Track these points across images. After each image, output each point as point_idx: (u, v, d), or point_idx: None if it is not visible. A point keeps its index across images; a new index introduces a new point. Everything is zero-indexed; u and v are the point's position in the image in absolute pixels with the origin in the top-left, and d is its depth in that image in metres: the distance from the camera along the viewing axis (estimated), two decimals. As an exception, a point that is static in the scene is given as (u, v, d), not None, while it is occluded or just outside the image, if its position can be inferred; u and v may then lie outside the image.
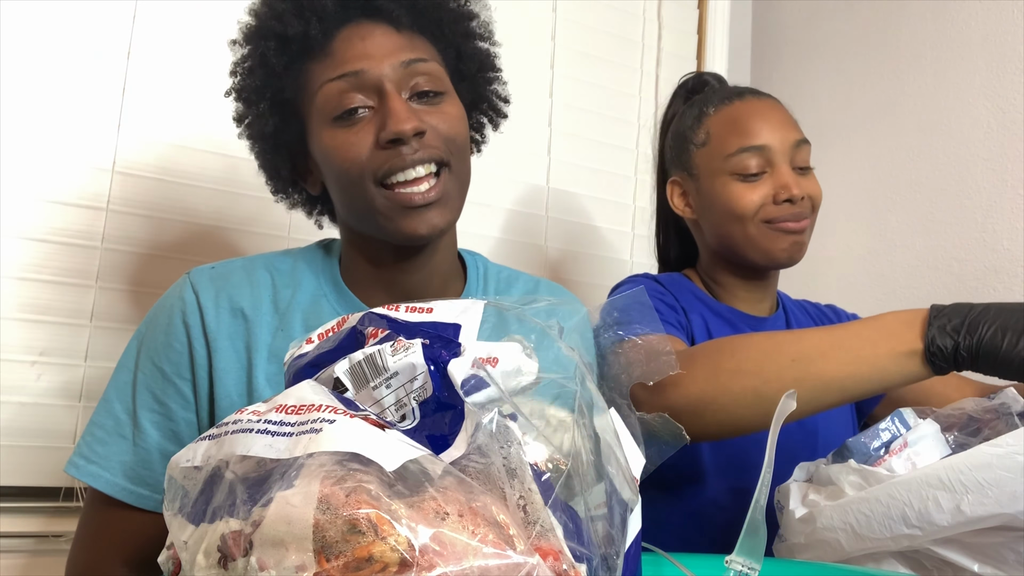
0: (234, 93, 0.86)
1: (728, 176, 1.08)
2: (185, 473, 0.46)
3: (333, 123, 0.79)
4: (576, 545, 0.43)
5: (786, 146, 1.07)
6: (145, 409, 0.80)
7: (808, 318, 1.20)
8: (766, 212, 1.06)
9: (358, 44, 0.79)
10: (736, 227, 1.08)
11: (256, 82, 0.83)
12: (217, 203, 1.30)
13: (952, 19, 1.55)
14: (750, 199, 1.06)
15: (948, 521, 0.63)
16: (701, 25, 1.90)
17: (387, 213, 0.79)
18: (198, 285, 0.82)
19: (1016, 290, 1.39)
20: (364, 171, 0.78)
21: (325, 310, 0.84)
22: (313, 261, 0.88)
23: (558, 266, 1.65)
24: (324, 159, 0.81)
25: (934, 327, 0.71)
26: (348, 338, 0.52)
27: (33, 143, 1.18)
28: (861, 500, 0.69)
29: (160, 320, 0.82)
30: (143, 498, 0.79)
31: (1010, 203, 1.42)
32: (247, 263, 0.86)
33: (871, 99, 1.69)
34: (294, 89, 0.82)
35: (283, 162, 0.87)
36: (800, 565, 0.66)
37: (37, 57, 1.19)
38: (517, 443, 0.44)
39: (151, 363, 0.80)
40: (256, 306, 0.82)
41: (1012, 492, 0.60)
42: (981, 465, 0.62)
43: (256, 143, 0.87)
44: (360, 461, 0.40)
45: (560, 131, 1.67)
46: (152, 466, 0.79)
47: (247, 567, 0.38)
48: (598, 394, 0.50)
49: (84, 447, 0.80)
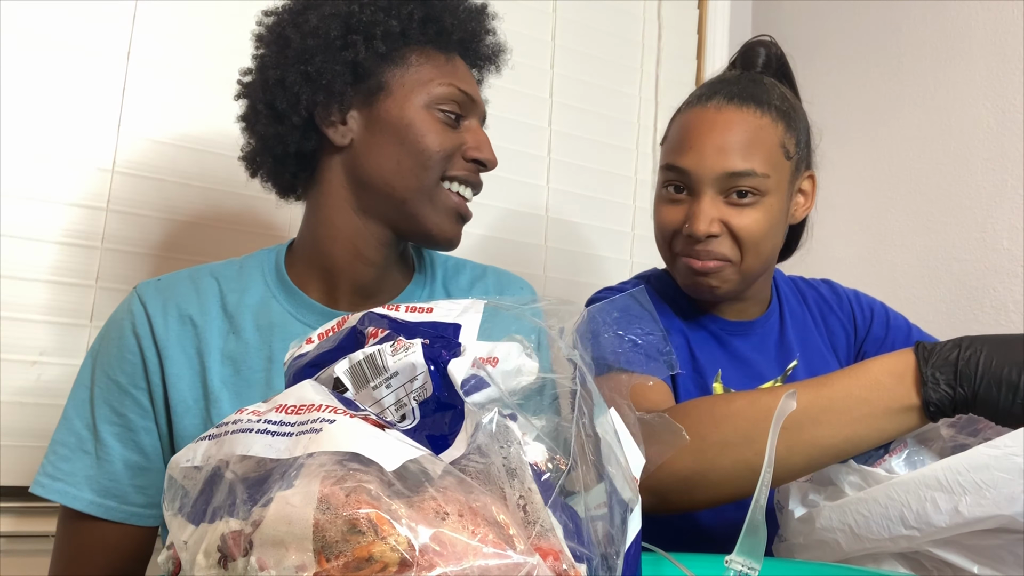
0: (343, 14, 0.84)
1: (661, 187, 1.01)
2: (185, 473, 0.46)
3: (437, 113, 0.86)
4: (576, 545, 0.43)
5: (712, 172, 0.94)
6: (105, 422, 0.82)
7: (803, 306, 1.14)
8: (675, 241, 0.99)
9: (471, 77, 0.93)
10: (661, 248, 1.02)
11: (388, 25, 0.84)
12: (217, 203, 1.30)
13: (952, 19, 1.55)
14: (663, 217, 0.99)
15: (946, 522, 0.63)
16: (701, 25, 1.90)
17: (439, 208, 0.87)
18: (145, 297, 0.85)
19: (1016, 290, 1.39)
20: (440, 163, 0.86)
21: (275, 309, 0.87)
22: (259, 264, 0.91)
23: (558, 266, 1.65)
24: (411, 131, 0.85)
25: (928, 384, 0.69)
26: (348, 338, 0.52)
27: (33, 143, 1.18)
28: (860, 501, 0.69)
29: (112, 335, 0.84)
30: (111, 510, 0.81)
31: (1010, 203, 1.42)
32: (193, 272, 0.89)
33: (871, 99, 1.69)
34: (404, 57, 0.87)
35: (340, 95, 0.85)
36: (800, 565, 0.65)
37: (37, 57, 1.19)
38: (517, 443, 0.44)
39: (106, 377, 0.83)
40: (204, 312, 0.85)
41: (1010, 493, 0.60)
42: (979, 466, 0.62)
43: (330, 65, 0.83)
44: (360, 461, 0.40)
45: (560, 131, 1.67)
46: (117, 478, 0.81)
47: (247, 567, 0.38)
48: (598, 394, 0.50)
49: (48, 466, 0.82)
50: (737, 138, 0.94)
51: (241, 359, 0.84)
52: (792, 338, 1.08)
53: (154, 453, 0.83)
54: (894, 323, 1.13)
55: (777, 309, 1.10)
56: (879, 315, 1.14)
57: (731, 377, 1.02)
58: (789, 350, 1.07)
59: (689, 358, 1.02)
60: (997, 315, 1.41)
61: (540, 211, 1.64)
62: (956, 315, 1.47)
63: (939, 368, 0.69)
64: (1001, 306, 1.41)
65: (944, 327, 1.47)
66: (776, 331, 1.09)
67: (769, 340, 1.07)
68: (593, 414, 0.49)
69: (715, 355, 1.03)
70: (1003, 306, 1.41)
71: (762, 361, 1.05)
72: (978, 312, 1.44)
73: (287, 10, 0.88)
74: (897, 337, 1.12)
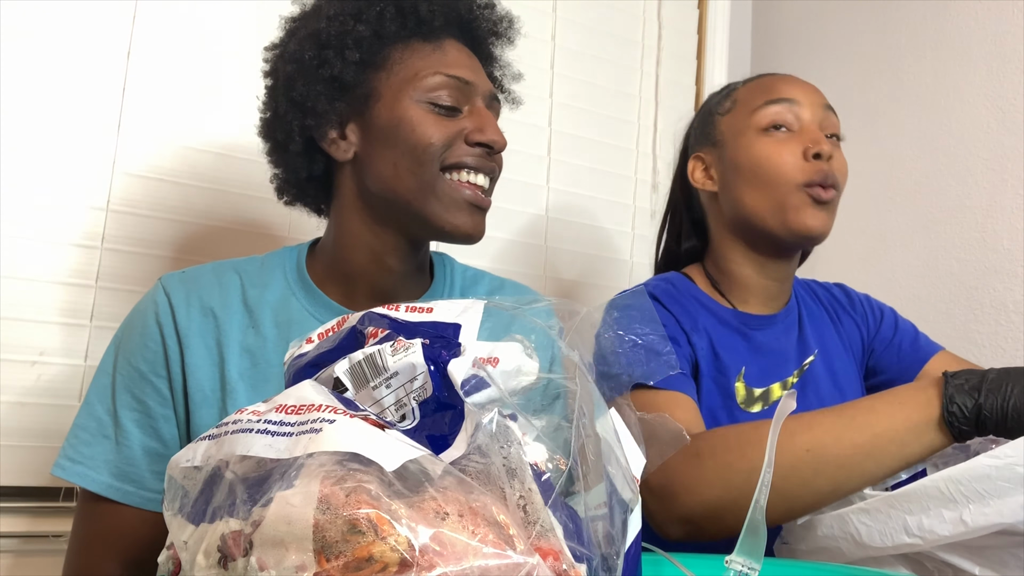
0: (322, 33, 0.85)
1: (754, 133, 1.00)
2: (185, 473, 0.46)
3: (431, 106, 0.84)
4: (576, 545, 0.43)
5: (816, 105, 1.01)
6: (125, 408, 0.83)
7: (818, 305, 1.15)
8: (797, 171, 0.98)
9: (466, 59, 0.88)
10: (769, 191, 0.99)
11: (363, 32, 0.84)
12: (217, 203, 1.30)
13: (952, 19, 1.55)
14: (779, 155, 0.98)
15: (950, 531, 0.63)
16: (701, 25, 1.90)
17: (445, 201, 0.84)
18: (169, 288, 0.87)
19: (1016, 290, 1.39)
20: (437, 154, 0.83)
21: (294, 307, 0.88)
22: (280, 262, 0.92)
23: (558, 266, 1.65)
24: (403, 129, 0.83)
25: (951, 387, 0.68)
26: (348, 338, 0.52)
27: (33, 143, 1.17)
28: (861, 511, 0.69)
29: (135, 324, 0.86)
30: (129, 495, 0.82)
31: (1010, 203, 1.42)
32: (216, 267, 0.91)
33: (871, 99, 1.69)
34: (386, 58, 0.85)
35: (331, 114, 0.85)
36: (800, 565, 0.65)
37: (37, 57, 1.19)
38: (517, 443, 0.44)
39: (128, 364, 0.84)
40: (225, 305, 0.86)
41: (1013, 503, 0.60)
42: (980, 476, 0.62)
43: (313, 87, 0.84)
44: (360, 461, 0.40)
45: (560, 131, 1.67)
46: (136, 463, 0.83)
47: (247, 567, 0.38)
48: (599, 394, 0.50)
49: (69, 449, 0.84)
50: (819, 91, 1.04)
51: (259, 353, 0.85)
52: (810, 333, 1.10)
53: (172, 441, 0.84)
54: (902, 326, 1.16)
55: (796, 306, 1.11)
56: (888, 318, 1.16)
57: (753, 370, 1.02)
58: (807, 344, 1.08)
59: (712, 357, 1.00)
60: (997, 315, 1.41)
61: (540, 211, 1.64)
62: (956, 315, 1.47)
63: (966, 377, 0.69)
64: (1001, 306, 1.41)
65: (944, 327, 1.47)
66: (796, 325, 1.09)
67: (791, 333, 1.08)
68: (593, 414, 0.49)
69: (738, 350, 1.03)
70: (1003, 306, 1.41)
71: (783, 352, 1.06)
72: (978, 312, 1.44)
73: (278, 43, 0.91)
74: (904, 339, 1.13)
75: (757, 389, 1.01)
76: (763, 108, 1.01)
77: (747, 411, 1.00)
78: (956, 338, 1.45)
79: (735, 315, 1.05)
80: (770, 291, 1.06)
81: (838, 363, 1.09)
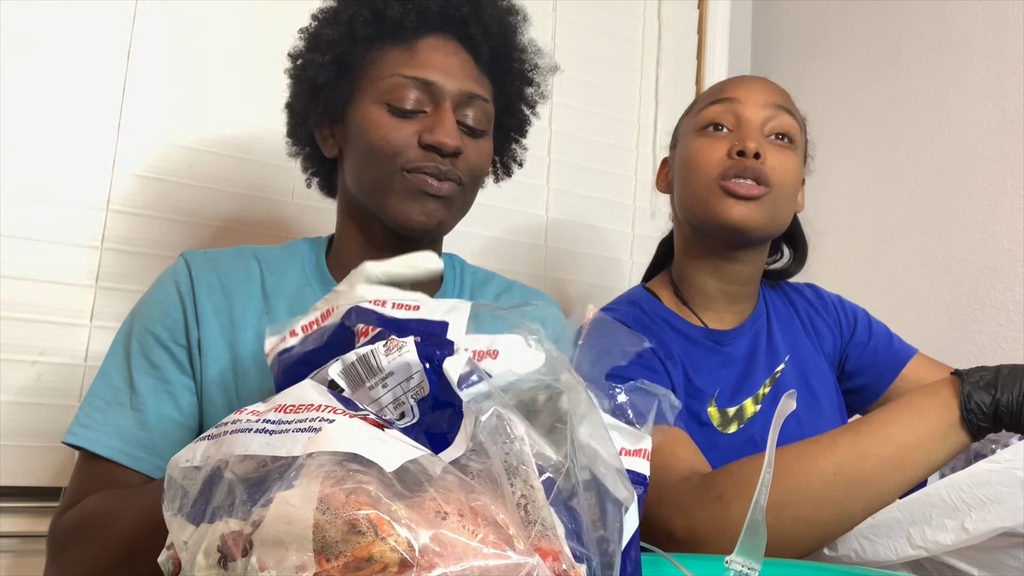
0: (307, 35, 0.90)
1: (693, 133, 1.01)
2: (185, 473, 0.46)
3: (387, 107, 0.84)
4: (576, 545, 0.43)
5: (760, 105, 0.99)
6: (141, 374, 0.83)
7: (788, 308, 1.13)
8: (714, 166, 0.97)
9: (441, 58, 0.86)
10: (692, 185, 0.99)
11: (334, 35, 0.87)
12: (217, 203, 1.30)
13: (952, 19, 1.55)
14: (705, 152, 0.98)
15: (952, 540, 0.63)
16: (701, 25, 1.90)
17: (400, 193, 0.84)
18: (192, 262, 0.88)
19: (1016, 290, 1.39)
20: (396, 156, 0.83)
21: (309, 298, 0.89)
22: (299, 254, 0.93)
23: (558, 266, 1.65)
24: (362, 131, 0.85)
25: (967, 385, 0.68)
26: (336, 335, 0.52)
27: (33, 143, 1.18)
28: (864, 526, 0.69)
29: (156, 294, 0.87)
30: (139, 460, 0.80)
31: (1010, 203, 1.42)
32: (238, 251, 0.93)
33: (871, 99, 1.69)
34: (360, 60, 0.87)
35: (313, 113, 0.90)
36: (800, 565, 0.65)
37: (37, 57, 1.19)
38: (519, 439, 0.44)
39: (146, 331, 0.84)
40: (243, 288, 0.88)
41: (1013, 507, 0.61)
42: (981, 482, 0.62)
43: (300, 86, 0.90)
44: (360, 461, 0.39)
45: (560, 131, 1.67)
46: (149, 428, 0.81)
47: (247, 567, 0.38)
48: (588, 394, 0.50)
49: (83, 416, 0.82)
50: (777, 89, 1.03)
51: None
52: (779, 339, 1.08)
53: (190, 410, 0.83)
54: (876, 330, 1.15)
55: (764, 311, 1.09)
56: (862, 321, 1.15)
57: (726, 388, 1.01)
58: (777, 351, 1.07)
59: (685, 384, 0.98)
60: (997, 315, 1.41)
61: (540, 211, 1.64)
62: (956, 315, 1.47)
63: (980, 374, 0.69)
64: (1001, 306, 1.41)
65: (944, 327, 1.47)
66: (764, 332, 1.08)
67: (760, 340, 1.06)
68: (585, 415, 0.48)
69: (710, 370, 1.01)
70: (1003, 306, 1.41)
71: (754, 363, 1.04)
72: (978, 312, 1.44)
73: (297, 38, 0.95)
74: (879, 343, 1.13)
75: (731, 409, 1.00)
76: (705, 108, 1.02)
77: (725, 433, 0.98)
78: (956, 338, 1.45)
79: (705, 333, 1.03)
80: (731, 295, 1.05)
81: (811, 367, 1.08)
